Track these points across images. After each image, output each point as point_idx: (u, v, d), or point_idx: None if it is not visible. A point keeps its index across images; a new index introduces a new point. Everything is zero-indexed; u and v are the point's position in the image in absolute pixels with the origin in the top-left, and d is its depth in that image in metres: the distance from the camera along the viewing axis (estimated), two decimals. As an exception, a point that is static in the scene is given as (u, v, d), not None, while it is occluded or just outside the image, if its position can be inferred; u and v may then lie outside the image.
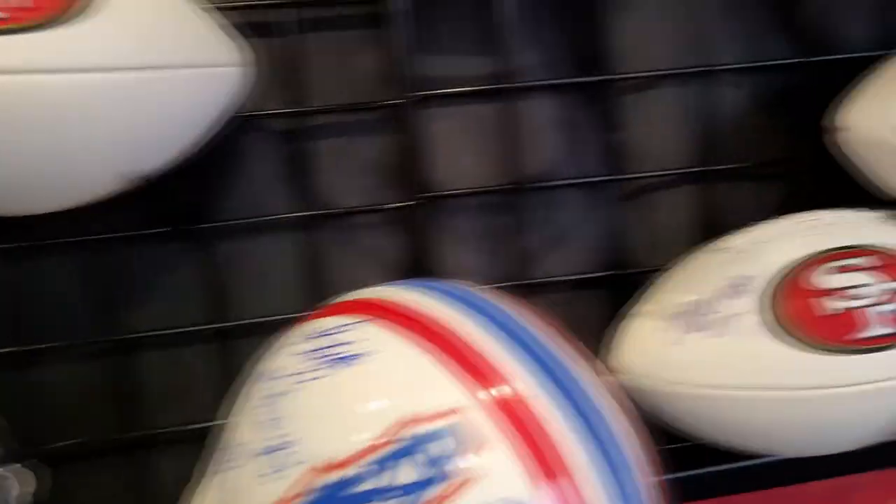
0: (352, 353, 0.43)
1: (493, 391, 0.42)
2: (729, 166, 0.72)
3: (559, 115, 0.71)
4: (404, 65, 0.66)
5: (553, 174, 0.71)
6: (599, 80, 0.70)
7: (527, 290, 0.71)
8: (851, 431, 0.60)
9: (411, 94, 0.66)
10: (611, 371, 0.63)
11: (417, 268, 0.69)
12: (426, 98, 0.68)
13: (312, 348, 0.45)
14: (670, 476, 0.71)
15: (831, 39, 0.73)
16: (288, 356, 0.46)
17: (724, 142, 0.73)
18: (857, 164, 0.64)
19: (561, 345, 0.47)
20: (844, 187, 0.67)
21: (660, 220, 0.73)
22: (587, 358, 0.49)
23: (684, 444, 0.66)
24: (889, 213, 0.63)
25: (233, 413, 0.49)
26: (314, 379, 0.43)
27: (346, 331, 0.45)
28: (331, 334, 0.45)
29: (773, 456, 0.67)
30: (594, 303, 0.73)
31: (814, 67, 0.71)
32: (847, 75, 0.67)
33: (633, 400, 0.62)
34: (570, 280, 0.72)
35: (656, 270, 0.68)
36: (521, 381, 0.43)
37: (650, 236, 0.73)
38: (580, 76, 0.70)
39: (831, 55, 0.71)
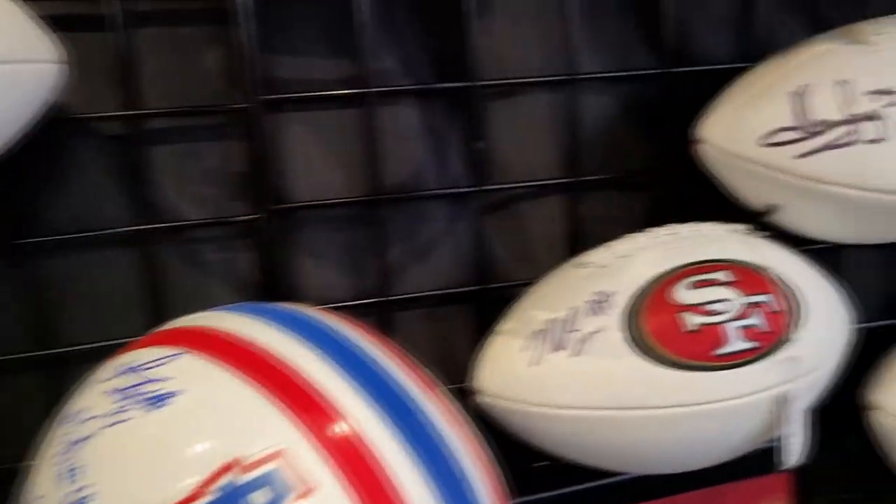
0: (165, 391, 0.38)
1: (327, 428, 0.38)
2: (597, 177, 0.70)
3: (422, 122, 0.68)
4: (251, 65, 0.61)
5: (416, 184, 0.68)
6: (463, 87, 0.67)
7: (389, 306, 0.67)
8: (715, 447, 0.60)
9: (259, 98, 0.61)
10: (473, 392, 0.60)
11: (269, 286, 0.64)
12: (277, 102, 0.63)
13: (122, 386, 0.39)
14: (536, 496, 0.70)
15: (695, 51, 0.73)
16: (95, 395, 0.40)
17: (591, 152, 0.71)
18: (716, 176, 0.64)
19: (406, 372, 0.43)
20: (711, 198, 0.67)
21: (527, 232, 0.71)
22: (435, 383, 0.45)
23: (551, 462, 0.64)
24: (746, 226, 0.63)
25: (35, 460, 0.43)
26: (121, 422, 0.38)
27: (160, 365, 0.40)
28: (143, 369, 0.40)
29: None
30: (461, 318, 0.70)
31: (679, 78, 0.71)
32: (712, 87, 0.67)
33: (496, 421, 0.59)
34: (435, 295, 0.69)
35: (524, 284, 0.66)
36: (359, 415, 0.39)
37: (518, 249, 0.71)
38: (443, 82, 0.67)
39: (695, 66, 0.71)
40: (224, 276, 0.64)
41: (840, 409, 0.69)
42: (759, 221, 0.64)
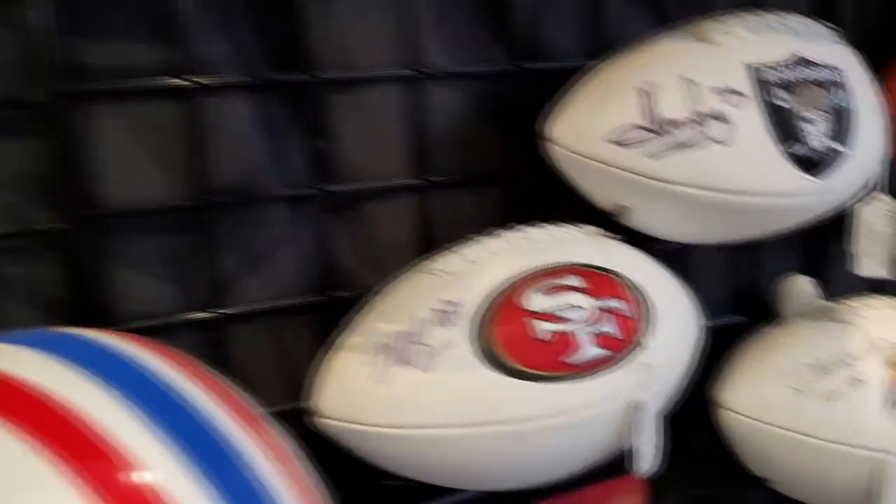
0: None
1: (117, 484, 0.32)
2: (448, 177, 0.67)
3: (257, 117, 0.62)
4: (49, 51, 0.53)
5: (251, 186, 0.61)
6: (303, 80, 0.61)
7: (223, 321, 0.61)
8: (569, 458, 0.58)
9: (61, 89, 0.54)
10: (313, 414, 0.55)
11: (79, 304, 0.56)
12: (84, 94, 0.55)
13: None
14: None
15: (547, 47, 0.70)
16: None
17: (443, 150, 0.67)
18: (566, 176, 0.61)
19: (223, 408, 0.38)
20: (566, 198, 0.64)
21: (376, 236, 0.67)
22: (258, 416, 0.40)
23: (403, 481, 0.60)
24: (598, 228, 0.61)
25: None
26: None
27: None
28: None
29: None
30: (306, 331, 0.64)
31: (532, 74, 0.68)
32: (565, 83, 0.64)
33: (340, 445, 0.55)
34: (275, 307, 0.63)
35: (373, 292, 0.61)
36: (159, 466, 0.33)
37: (366, 254, 0.66)
38: (281, 74, 0.61)
39: (547, 62, 0.69)
40: (24, 294, 0.56)
41: (690, 407, 0.69)
42: (612, 222, 0.62)
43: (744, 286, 0.83)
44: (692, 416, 0.72)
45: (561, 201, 0.65)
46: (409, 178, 0.66)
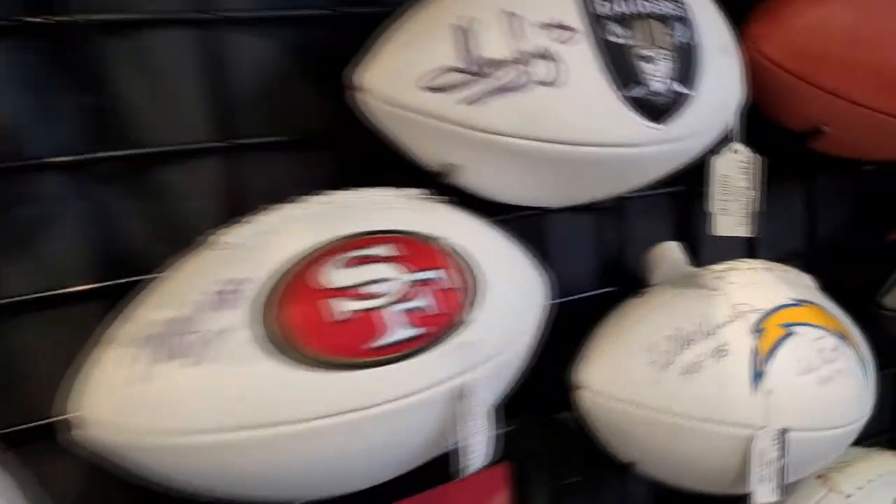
0: None
1: None
2: (257, 139, 0.58)
3: (10, 69, 0.52)
4: None
5: (8, 152, 0.52)
6: (65, 23, 0.51)
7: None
8: (387, 458, 0.50)
9: None
10: (71, 425, 0.45)
11: None
12: None
13: None
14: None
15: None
16: None
17: (250, 107, 0.59)
18: (382, 131, 0.53)
19: None
20: (393, 158, 0.56)
21: (173, 208, 0.58)
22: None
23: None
24: (421, 190, 0.53)
25: None
26: None
27: None
28: None
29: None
30: (87, 323, 0.54)
31: (350, 20, 0.59)
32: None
33: (107, 462, 0.45)
34: (48, 296, 0.53)
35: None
36: None
37: (160, 230, 0.57)
38: (35, 15, 0.51)
39: (367, 7, 0.60)
40: None
41: (558, 390, 0.63)
42: (441, 184, 0.54)
43: (613, 255, 0.77)
44: (560, 399, 0.65)
45: (389, 163, 0.57)
46: (208, 140, 0.57)
